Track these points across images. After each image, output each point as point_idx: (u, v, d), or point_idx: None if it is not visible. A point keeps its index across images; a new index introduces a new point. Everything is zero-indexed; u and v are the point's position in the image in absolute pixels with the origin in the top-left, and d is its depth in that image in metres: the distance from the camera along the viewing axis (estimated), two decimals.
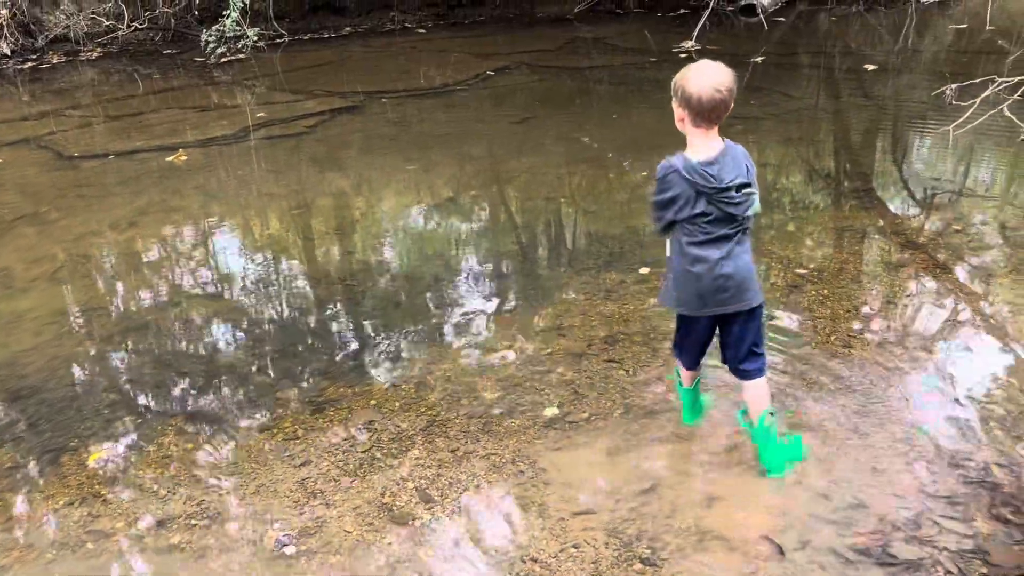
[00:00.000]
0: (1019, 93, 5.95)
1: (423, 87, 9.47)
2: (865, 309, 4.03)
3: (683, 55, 9.99)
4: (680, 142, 2.72)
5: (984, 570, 2.47)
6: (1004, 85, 5.88)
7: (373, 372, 3.80)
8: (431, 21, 13.35)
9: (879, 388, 3.37)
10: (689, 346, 3.01)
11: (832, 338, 3.77)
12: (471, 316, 4.24)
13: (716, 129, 2.67)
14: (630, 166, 6.29)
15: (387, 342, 4.06)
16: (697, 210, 2.69)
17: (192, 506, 2.99)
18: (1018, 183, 5.73)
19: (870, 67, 9.19)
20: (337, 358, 3.96)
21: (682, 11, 12.86)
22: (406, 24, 13.19)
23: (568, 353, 3.79)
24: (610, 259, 4.77)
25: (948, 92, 6.69)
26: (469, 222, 5.64)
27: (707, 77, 2.57)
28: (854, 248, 4.75)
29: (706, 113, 2.59)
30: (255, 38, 11.53)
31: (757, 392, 2.93)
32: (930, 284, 4.23)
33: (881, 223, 5.10)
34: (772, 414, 2.93)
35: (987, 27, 9.50)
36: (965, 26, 11.03)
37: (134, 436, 3.45)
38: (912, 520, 2.67)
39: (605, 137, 7.16)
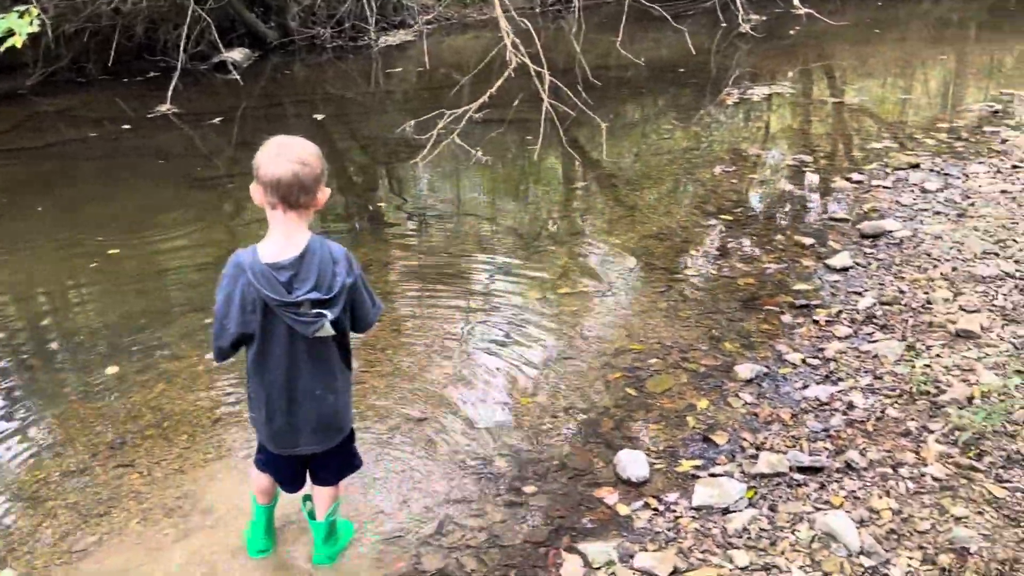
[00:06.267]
0: (463, 122, 6.79)
1: None
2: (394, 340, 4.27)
3: (159, 118, 9.60)
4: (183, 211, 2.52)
5: (498, 555, 2.75)
6: (452, 116, 6.68)
7: None
8: None
9: (395, 412, 3.57)
10: (280, 474, 2.66)
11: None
12: None
13: (301, 218, 2.33)
14: (109, 245, 5.82)
15: None
16: (264, 324, 2.32)
17: None
18: (469, 200, 6.60)
19: (328, 113, 9.81)
20: None
21: (152, 74, 12.31)
22: None
23: (67, 473, 3.34)
24: (108, 351, 4.34)
25: (408, 128, 7.41)
26: None
27: (282, 150, 2.28)
28: (378, 278, 4.97)
29: (274, 189, 2.25)
30: None
31: (329, 493, 2.72)
32: (441, 306, 4.63)
33: (393, 254, 5.46)
34: (338, 504, 2.76)
35: (441, 67, 10.79)
36: (417, 67, 12.38)
37: None
38: (437, 530, 2.87)
39: (89, 218, 6.52)
